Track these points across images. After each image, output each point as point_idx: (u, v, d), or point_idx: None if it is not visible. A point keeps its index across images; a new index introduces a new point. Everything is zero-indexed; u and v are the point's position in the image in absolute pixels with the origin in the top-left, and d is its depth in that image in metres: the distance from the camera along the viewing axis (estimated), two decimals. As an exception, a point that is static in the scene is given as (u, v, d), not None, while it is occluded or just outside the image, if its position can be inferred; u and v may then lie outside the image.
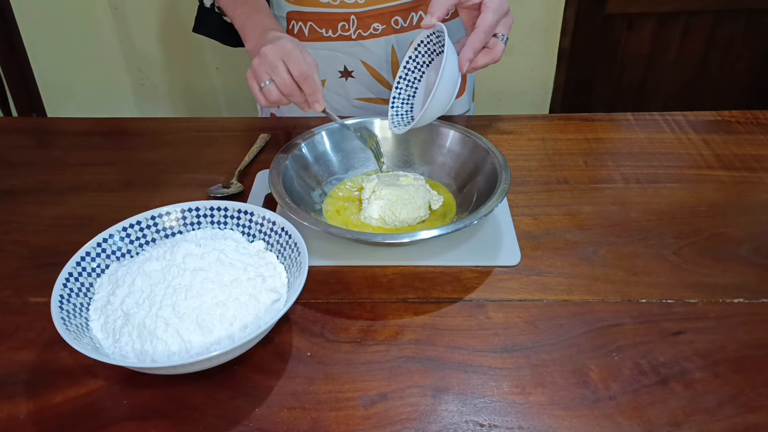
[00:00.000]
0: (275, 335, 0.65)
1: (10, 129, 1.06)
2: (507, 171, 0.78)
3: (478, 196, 0.80)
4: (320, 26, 0.97)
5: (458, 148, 0.86)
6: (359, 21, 0.95)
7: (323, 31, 0.97)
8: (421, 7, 0.96)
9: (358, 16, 0.95)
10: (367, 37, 0.97)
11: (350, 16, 0.95)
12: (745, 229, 0.79)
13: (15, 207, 0.85)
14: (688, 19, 1.93)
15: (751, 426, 0.55)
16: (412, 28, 0.98)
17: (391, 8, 0.95)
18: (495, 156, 0.81)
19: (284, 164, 0.80)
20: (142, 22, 1.92)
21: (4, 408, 0.58)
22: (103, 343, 0.60)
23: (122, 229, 0.70)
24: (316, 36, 0.97)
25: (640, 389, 0.59)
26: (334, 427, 0.56)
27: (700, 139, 0.97)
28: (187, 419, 0.56)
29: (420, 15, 0.97)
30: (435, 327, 0.66)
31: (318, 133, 0.87)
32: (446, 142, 0.87)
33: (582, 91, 2.07)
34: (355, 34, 0.97)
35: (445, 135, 0.88)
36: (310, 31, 0.97)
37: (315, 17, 0.96)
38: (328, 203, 0.84)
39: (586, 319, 0.66)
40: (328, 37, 0.97)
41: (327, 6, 0.95)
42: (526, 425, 0.56)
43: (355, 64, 1.00)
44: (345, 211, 0.82)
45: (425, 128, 0.88)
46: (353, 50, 0.99)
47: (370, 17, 0.95)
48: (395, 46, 0.99)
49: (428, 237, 0.69)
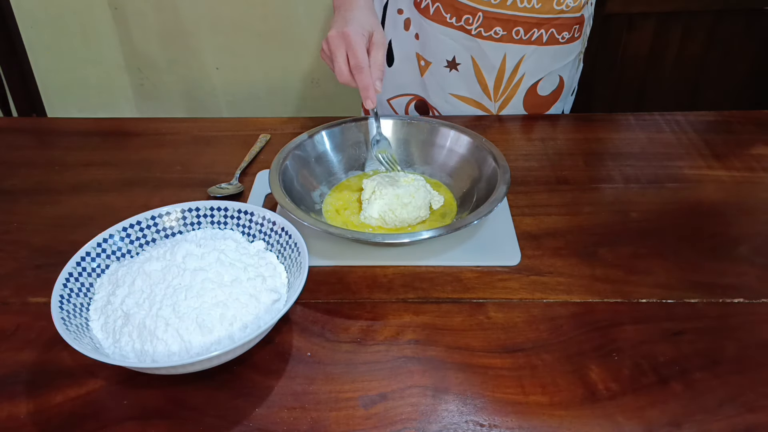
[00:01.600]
0: (275, 335, 0.65)
1: (10, 129, 1.06)
2: (507, 171, 0.78)
3: (478, 196, 0.80)
4: (447, 11, 0.98)
5: (459, 148, 0.86)
6: (484, 20, 0.96)
7: (447, 16, 0.98)
8: (544, 26, 0.97)
9: (485, 14, 0.96)
10: (486, 37, 0.98)
11: (478, 12, 0.96)
12: (745, 229, 0.79)
13: (15, 207, 0.85)
14: (688, 19, 1.93)
15: (751, 426, 0.55)
16: (529, 43, 0.98)
17: (518, 18, 0.96)
18: (495, 156, 0.81)
19: (284, 164, 0.80)
20: (142, 22, 1.92)
21: (4, 408, 0.58)
22: (103, 343, 0.60)
23: (122, 229, 0.70)
24: (439, 18, 0.98)
25: (640, 389, 0.59)
26: (334, 427, 0.56)
27: (700, 139, 0.97)
28: (187, 419, 0.56)
29: (541, 33, 0.98)
30: (435, 327, 0.66)
31: (318, 133, 0.87)
32: (447, 142, 0.88)
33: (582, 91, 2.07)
34: (475, 31, 0.97)
35: (445, 135, 0.88)
36: (435, 11, 0.98)
37: (446, 1, 0.97)
38: (328, 203, 0.84)
39: (586, 319, 0.66)
40: (450, 24, 0.98)
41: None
42: (526, 425, 0.56)
43: (465, 58, 1.01)
44: (344, 211, 0.82)
45: (426, 128, 0.89)
46: (468, 44, 0.99)
47: (495, 19, 0.96)
48: (507, 55, 0.99)
49: (428, 237, 0.69)
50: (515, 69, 1.01)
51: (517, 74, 1.02)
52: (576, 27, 1.00)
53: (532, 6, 0.94)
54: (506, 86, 1.03)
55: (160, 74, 2.03)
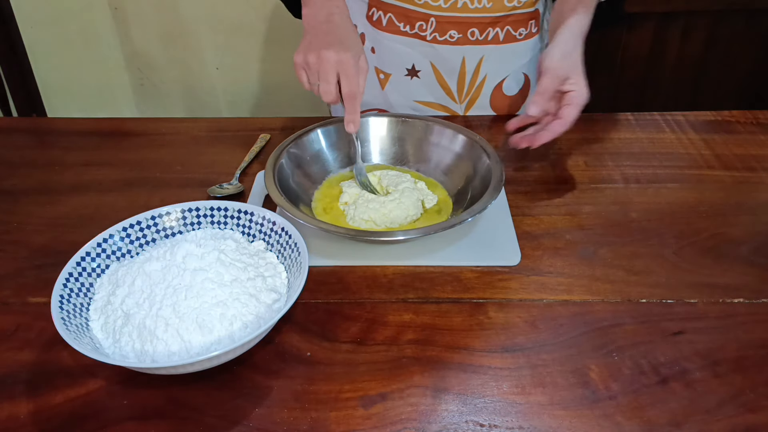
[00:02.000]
0: (275, 335, 0.65)
1: (10, 129, 1.06)
2: (500, 166, 0.78)
3: (473, 194, 0.80)
4: (399, 20, 0.97)
5: (452, 145, 0.86)
6: (438, 24, 0.96)
7: (401, 25, 0.97)
8: (499, 24, 0.97)
9: (438, 19, 0.95)
10: (442, 42, 0.97)
11: (430, 18, 0.95)
12: (745, 229, 0.79)
13: (15, 207, 0.85)
14: (688, 19, 1.93)
15: (751, 426, 0.55)
16: (486, 42, 0.98)
17: (471, 19, 0.95)
18: (488, 153, 0.81)
19: (280, 162, 0.80)
20: (142, 22, 1.92)
21: (4, 408, 0.58)
22: (103, 343, 0.60)
23: (122, 229, 0.70)
24: (393, 28, 0.98)
25: (640, 389, 0.59)
26: (334, 427, 0.56)
27: (700, 139, 0.97)
28: (187, 419, 0.56)
29: (497, 32, 0.97)
30: (435, 327, 0.66)
31: (313, 131, 0.87)
32: (440, 140, 0.88)
33: (582, 91, 2.07)
34: (430, 36, 0.97)
35: (439, 132, 0.88)
36: (388, 22, 0.98)
37: (397, 10, 0.97)
38: (317, 200, 0.83)
39: (586, 319, 0.66)
40: (404, 32, 0.98)
41: (410, 2, 0.95)
42: (526, 425, 0.56)
43: (424, 65, 1.01)
44: (332, 211, 0.82)
45: (420, 126, 0.89)
46: (425, 51, 0.99)
47: (449, 23, 0.96)
48: (466, 57, 0.99)
49: (428, 233, 0.69)
50: (476, 70, 1.01)
51: (479, 75, 1.01)
52: (532, 22, 1.00)
53: (483, 6, 0.94)
54: (469, 88, 1.03)
55: (160, 74, 2.03)
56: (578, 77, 0.83)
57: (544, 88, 0.82)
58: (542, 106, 0.83)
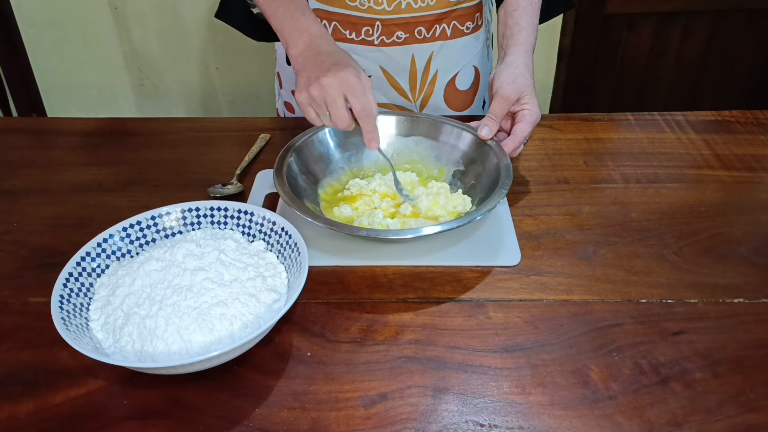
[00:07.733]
0: (275, 335, 0.65)
1: (10, 129, 1.06)
2: (509, 171, 0.78)
3: (481, 195, 0.79)
4: (344, 28, 0.97)
5: (466, 148, 0.86)
6: (384, 28, 0.95)
7: (347, 32, 0.97)
8: (445, 20, 0.96)
9: (383, 23, 0.95)
10: (390, 44, 0.97)
11: (375, 22, 0.95)
12: (745, 229, 0.79)
13: (15, 207, 0.85)
14: (688, 19, 1.93)
15: (751, 426, 0.55)
16: (434, 39, 0.98)
17: (417, 18, 0.95)
18: (498, 156, 0.80)
19: (288, 160, 0.80)
20: (142, 22, 1.93)
21: (4, 408, 0.58)
22: (103, 343, 0.60)
23: (122, 229, 0.70)
24: (338, 37, 0.97)
25: (640, 389, 0.59)
26: (334, 427, 0.56)
27: (700, 139, 0.97)
28: (187, 419, 0.56)
29: (444, 28, 0.97)
30: (435, 327, 0.66)
31: (322, 130, 0.87)
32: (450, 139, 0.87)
33: (582, 91, 2.07)
34: (378, 41, 0.96)
35: (449, 132, 0.87)
36: (333, 31, 0.97)
37: (340, 18, 0.96)
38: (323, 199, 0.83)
39: (586, 319, 0.66)
40: (350, 40, 0.97)
41: (354, 9, 0.94)
42: (526, 425, 0.56)
43: (373, 70, 1.00)
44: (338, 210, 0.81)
45: (432, 127, 0.88)
46: (374, 56, 0.99)
47: (395, 25, 0.95)
48: (415, 55, 0.99)
49: (431, 233, 0.69)
50: (426, 67, 1.00)
51: (429, 72, 1.01)
52: (478, 15, 1.00)
53: (427, 4, 0.94)
54: (422, 86, 1.02)
55: (160, 74, 2.03)
56: (530, 96, 0.83)
57: (495, 113, 0.83)
58: (494, 129, 0.83)
